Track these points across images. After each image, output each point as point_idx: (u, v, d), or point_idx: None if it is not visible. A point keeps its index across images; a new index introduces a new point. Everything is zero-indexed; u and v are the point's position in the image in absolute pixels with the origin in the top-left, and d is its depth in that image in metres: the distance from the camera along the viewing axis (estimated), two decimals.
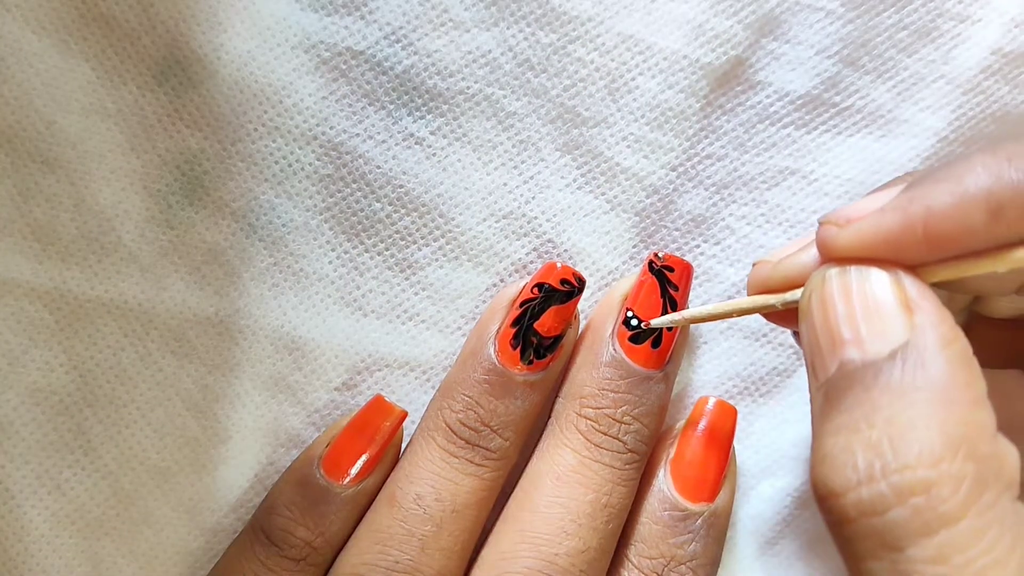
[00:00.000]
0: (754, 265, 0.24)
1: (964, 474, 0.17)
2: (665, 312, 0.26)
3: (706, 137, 0.29)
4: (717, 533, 0.26)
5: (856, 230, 0.20)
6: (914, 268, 0.20)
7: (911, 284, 0.19)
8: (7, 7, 0.26)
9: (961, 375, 0.18)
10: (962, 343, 0.18)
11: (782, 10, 0.28)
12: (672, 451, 0.27)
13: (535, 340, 0.26)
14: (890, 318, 0.19)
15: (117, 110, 0.27)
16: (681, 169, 0.29)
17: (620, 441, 0.26)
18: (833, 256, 0.20)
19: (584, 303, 0.28)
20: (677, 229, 0.29)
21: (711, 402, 0.27)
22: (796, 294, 0.22)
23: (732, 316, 0.24)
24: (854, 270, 0.20)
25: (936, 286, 0.20)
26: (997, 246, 0.19)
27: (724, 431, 0.27)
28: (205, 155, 0.27)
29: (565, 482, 0.25)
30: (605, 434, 0.26)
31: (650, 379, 0.26)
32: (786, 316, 0.23)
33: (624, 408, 0.26)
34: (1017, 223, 0.18)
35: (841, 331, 0.19)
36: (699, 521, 0.26)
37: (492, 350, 0.26)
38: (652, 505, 0.26)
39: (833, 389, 0.19)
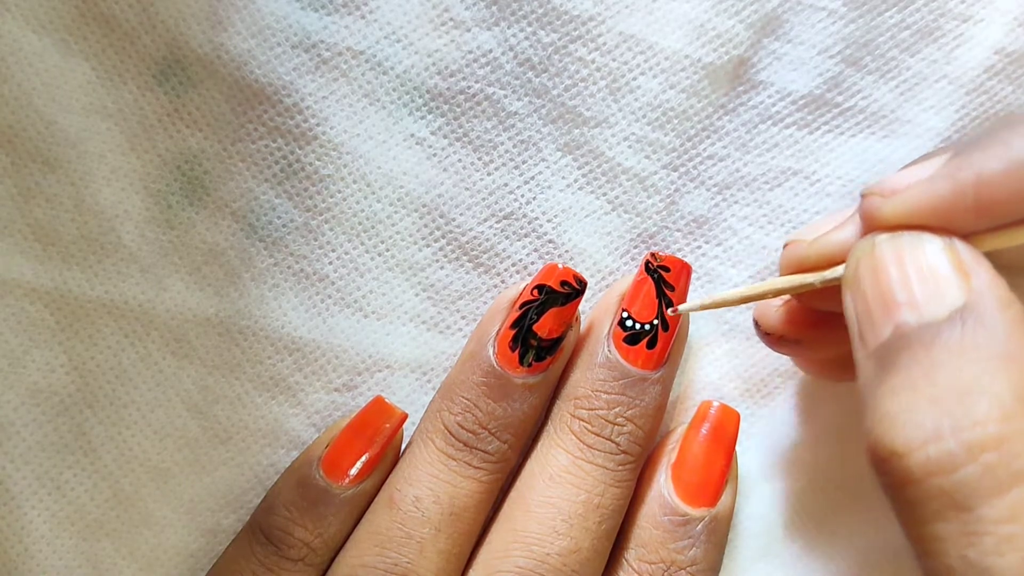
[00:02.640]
0: (786, 245, 0.24)
1: None
2: (660, 312, 0.26)
3: (708, 137, 0.28)
4: (718, 538, 0.26)
5: (903, 199, 0.20)
6: (964, 237, 0.19)
7: (965, 249, 0.19)
8: (7, 7, 0.26)
9: (1021, 333, 0.18)
10: (1018, 304, 0.18)
11: (784, 10, 0.28)
12: (674, 455, 0.27)
13: (534, 342, 0.26)
14: (946, 282, 0.18)
15: (117, 110, 0.27)
16: (683, 169, 0.28)
17: (613, 442, 0.25)
18: (879, 227, 0.20)
19: (585, 304, 0.28)
20: (679, 230, 0.29)
21: (714, 406, 0.27)
22: (836, 271, 0.21)
23: (767, 297, 0.24)
24: (906, 235, 0.20)
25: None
26: None
27: (727, 435, 0.27)
28: (205, 155, 0.27)
29: (557, 482, 0.25)
30: (598, 435, 0.25)
31: (645, 380, 0.26)
32: (822, 295, 0.23)
33: (618, 409, 0.25)
34: None
35: (895, 295, 0.19)
36: (700, 526, 0.25)
37: (491, 352, 0.26)
38: (652, 509, 0.26)
39: (888, 352, 0.18)
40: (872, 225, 0.20)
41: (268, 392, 0.28)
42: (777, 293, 0.23)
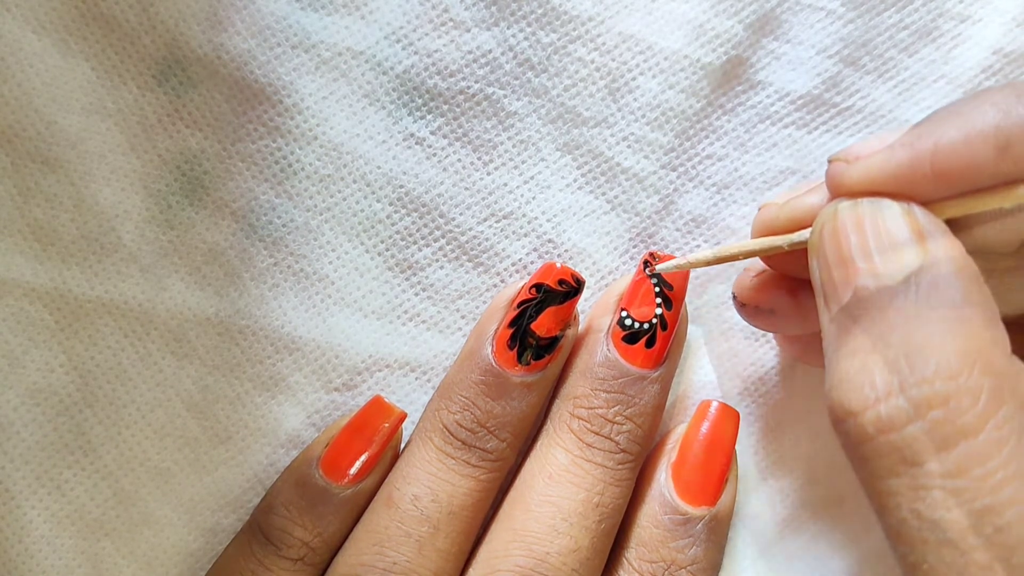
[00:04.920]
0: (760, 208, 0.24)
1: (981, 387, 0.17)
2: (659, 311, 0.26)
3: (707, 137, 0.28)
4: (718, 537, 0.26)
5: (865, 166, 0.20)
6: (924, 204, 0.20)
7: (922, 214, 0.19)
8: (7, 7, 0.25)
9: (974, 296, 0.18)
10: (973, 268, 0.19)
11: (783, 10, 0.28)
12: (674, 455, 0.26)
13: (532, 341, 0.25)
14: (903, 246, 0.19)
15: (117, 110, 0.26)
16: (682, 169, 0.28)
17: (612, 441, 0.25)
18: (843, 192, 0.20)
19: (585, 303, 0.28)
20: (678, 229, 0.28)
21: (714, 406, 0.27)
22: (803, 234, 0.22)
23: (738, 258, 0.24)
24: (866, 201, 0.20)
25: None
26: (1004, 182, 0.19)
27: (726, 435, 0.26)
28: (205, 155, 0.27)
29: (557, 481, 0.25)
30: (597, 434, 0.25)
31: (644, 379, 0.26)
32: (792, 260, 0.23)
33: (617, 408, 0.25)
34: None
35: (855, 259, 0.19)
36: (700, 525, 0.25)
37: (489, 351, 0.25)
38: (653, 508, 0.26)
39: (847, 316, 0.19)
40: (837, 191, 0.21)
41: (268, 392, 0.27)
42: (748, 254, 0.24)
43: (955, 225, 0.20)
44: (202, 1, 0.26)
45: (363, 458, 0.26)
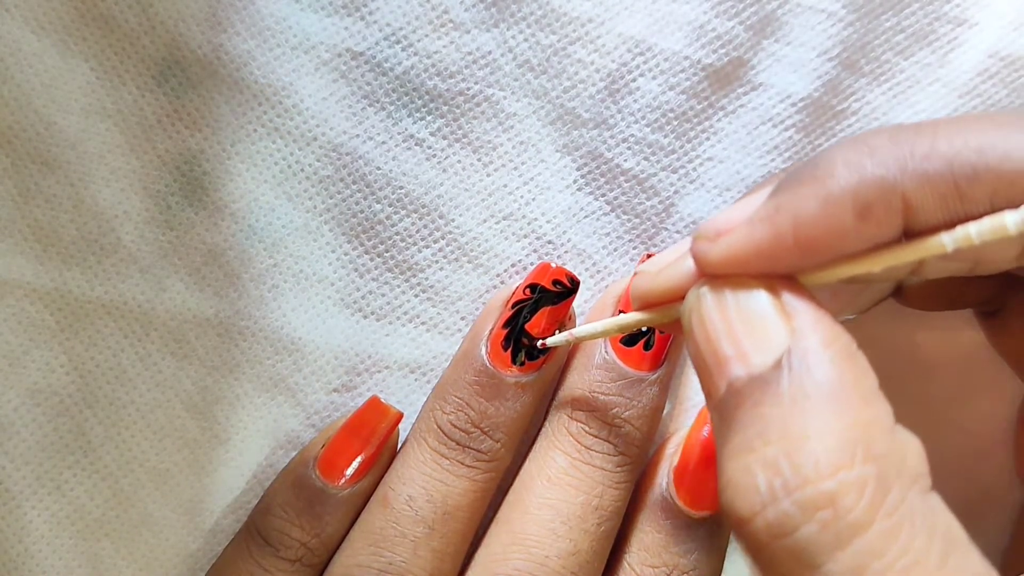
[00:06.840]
0: (634, 274, 0.23)
1: (865, 478, 0.16)
2: None
3: (707, 139, 0.27)
4: (720, 542, 0.25)
5: (727, 245, 0.18)
6: (791, 275, 0.18)
7: (786, 290, 0.18)
8: (7, 7, 0.25)
9: (848, 373, 0.17)
10: (844, 340, 0.17)
11: (784, 11, 0.27)
12: (676, 459, 0.26)
13: (527, 341, 0.25)
14: (769, 327, 0.18)
15: (117, 110, 0.26)
16: (682, 171, 0.28)
17: (611, 444, 0.25)
18: (709, 271, 0.19)
19: (585, 305, 0.27)
20: (678, 231, 0.28)
21: None
22: (679, 308, 0.20)
23: (625, 332, 0.23)
24: (728, 284, 0.19)
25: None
26: (872, 246, 0.18)
27: None
28: (205, 156, 0.26)
29: (556, 484, 0.24)
30: (595, 436, 0.25)
31: (642, 381, 0.25)
32: (678, 327, 0.22)
33: (615, 411, 0.25)
34: (886, 219, 0.17)
35: (723, 348, 0.18)
36: (703, 530, 0.25)
37: (484, 351, 0.25)
38: (655, 513, 0.25)
39: (726, 409, 0.17)
40: (702, 270, 0.19)
41: (267, 393, 0.27)
42: (628, 329, 0.23)
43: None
44: (202, 2, 0.25)
45: (360, 459, 0.25)
